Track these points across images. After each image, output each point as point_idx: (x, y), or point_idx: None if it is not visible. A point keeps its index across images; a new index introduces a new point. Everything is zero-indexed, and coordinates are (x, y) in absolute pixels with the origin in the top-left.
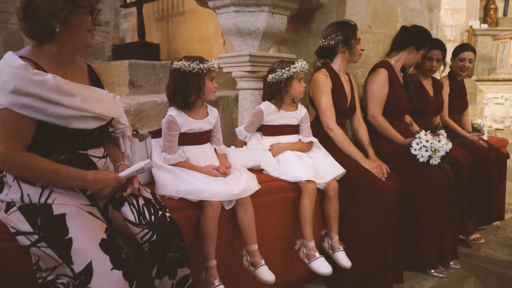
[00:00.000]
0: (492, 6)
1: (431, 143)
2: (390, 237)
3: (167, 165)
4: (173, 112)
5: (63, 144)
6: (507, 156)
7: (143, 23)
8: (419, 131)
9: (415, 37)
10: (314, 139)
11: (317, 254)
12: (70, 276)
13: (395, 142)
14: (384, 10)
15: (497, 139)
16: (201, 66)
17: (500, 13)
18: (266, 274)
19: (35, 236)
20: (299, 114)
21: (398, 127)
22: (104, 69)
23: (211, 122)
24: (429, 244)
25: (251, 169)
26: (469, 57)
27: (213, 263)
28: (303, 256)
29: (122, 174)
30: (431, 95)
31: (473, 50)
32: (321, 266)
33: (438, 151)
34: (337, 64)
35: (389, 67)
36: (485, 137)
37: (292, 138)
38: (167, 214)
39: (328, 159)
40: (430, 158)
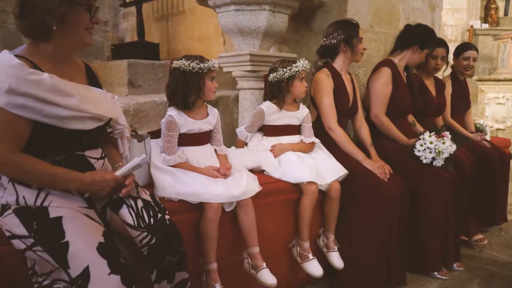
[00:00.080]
0: (493, 6)
1: (435, 144)
2: (393, 239)
3: (167, 166)
4: (172, 112)
5: (59, 145)
6: (510, 156)
7: (142, 22)
8: (423, 132)
9: (419, 36)
10: (316, 139)
11: (310, 256)
12: (67, 281)
13: (398, 142)
14: (386, 9)
15: (499, 139)
16: (201, 65)
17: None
18: (267, 277)
19: (31, 240)
20: (301, 114)
21: (401, 127)
22: (103, 69)
23: (211, 122)
24: (432, 245)
25: (252, 170)
26: (473, 55)
27: (213, 266)
28: (296, 255)
29: (119, 173)
30: (434, 95)
31: (476, 48)
32: (314, 268)
33: (442, 153)
34: (339, 64)
35: (392, 66)
36: (487, 137)
37: (294, 139)
38: (167, 217)
39: (330, 160)
40: (433, 160)
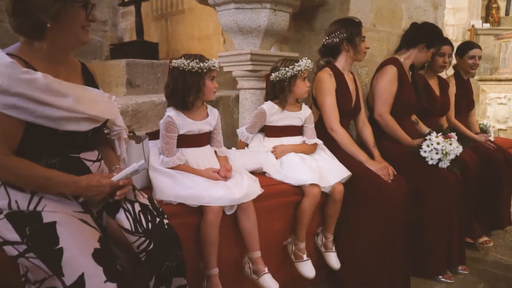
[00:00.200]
0: (494, 5)
1: (442, 145)
2: (396, 241)
3: (165, 168)
4: (171, 112)
5: (53, 147)
6: None
7: (141, 22)
8: (430, 133)
9: (426, 34)
10: (319, 140)
11: (305, 257)
12: None
13: (402, 143)
14: (388, 8)
15: (503, 140)
16: (201, 65)
17: (502, 12)
18: (269, 282)
19: (23, 246)
20: (303, 115)
21: (405, 127)
22: (101, 69)
23: (211, 123)
24: (437, 248)
25: (253, 172)
26: (478, 54)
27: (215, 271)
28: (290, 252)
29: (116, 178)
30: (437, 94)
31: (479, 47)
32: (307, 269)
33: (449, 154)
34: (341, 63)
35: (398, 65)
36: (491, 138)
37: (296, 140)
38: (165, 221)
39: (333, 161)
40: (439, 161)
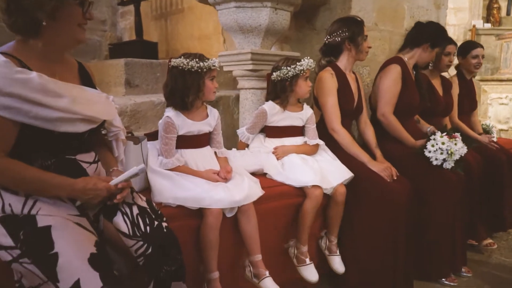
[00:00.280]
0: (495, 5)
1: (447, 145)
2: (399, 243)
3: (164, 170)
4: (170, 113)
5: (48, 148)
6: None
7: (140, 21)
8: (435, 133)
9: (430, 34)
10: (320, 141)
11: (307, 260)
12: None
13: (405, 144)
14: (390, 7)
15: (506, 141)
16: (200, 64)
17: (503, 12)
18: (270, 286)
19: (17, 251)
20: (305, 115)
21: (408, 127)
22: (99, 68)
23: (211, 123)
24: (440, 251)
25: (253, 173)
26: (481, 53)
27: (215, 275)
28: (292, 256)
29: (114, 182)
30: (440, 94)
31: (482, 46)
32: (310, 273)
33: (454, 154)
34: (343, 62)
35: (402, 64)
36: (494, 138)
37: (297, 140)
38: (164, 224)
39: (335, 162)
40: (444, 162)
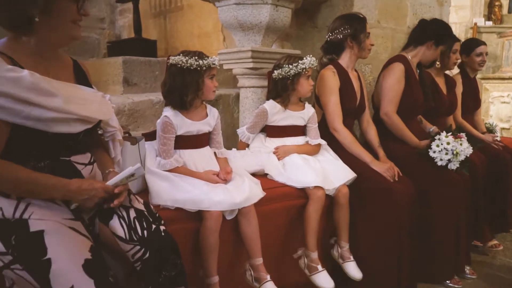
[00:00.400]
0: (496, 3)
1: (452, 145)
2: (403, 245)
3: (162, 171)
4: (168, 112)
5: (42, 150)
6: None
7: (139, 19)
8: (439, 133)
9: (435, 31)
10: (322, 141)
11: (319, 267)
12: None
13: (409, 144)
14: (393, 4)
15: (509, 140)
16: (200, 62)
17: (505, 10)
18: None
19: (9, 257)
20: (306, 114)
21: (411, 127)
22: (97, 66)
23: (210, 123)
24: (444, 253)
25: (254, 174)
26: (485, 50)
27: (215, 279)
28: (303, 267)
29: (110, 183)
30: (445, 93)
31: (485, 43)
32: (324, 281)
33: (459, 155)
34: (345, 60)
35: (405, 62)
36: (497, 137)
37: (299, 140)
38: (162, 228)
39: (337, 162)
40: (449, 162)
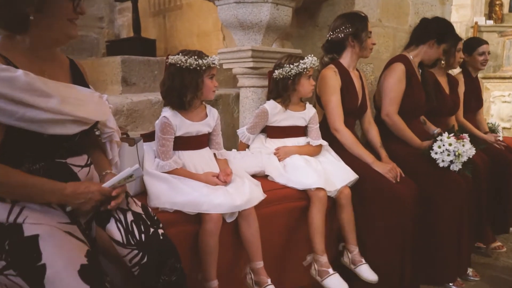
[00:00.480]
0: (497, 2)
1: (454, 147)
2: (406, 247)
3: (161, 172)
4: (167, 113)
5: (37, 152)
6: None
7: (138, 18)
8: (441, 134)
9: (436, 30)
10: (324, 142)
11: (330, 270)
12: None
13: (411, 145)
14: (395, 3)
15: (511, 140)
16: (199, 62)
17: (506, 9)
18: None
19: (2, 262)
20: (307, 115)
21: (414, 128)
22: (95, 66)
23: (210, 124)
24: (447, 255)
25: (254, 175)
26: (487, 49)
27: (214, 283)
28: (315, 274)
29: (107, 185)
30: (447, 93)
31: (487, 42)
32: (337, 284)
33: (462, 156)
34: (346, 60)
35: (406, 62)
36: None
37: (300, 141)
38: (160, 231)
39: (339, 163)
40: (451, 164)
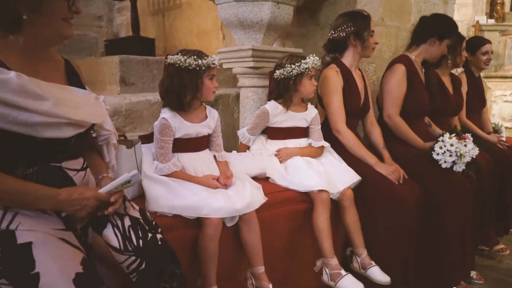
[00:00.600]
0: (498, 1)
1: (456, 147)
2: (410, 251)
3: (160, 175)
4: (166, 114)
5: (30, 155)
6: None
7: (137, 16)
8: (443, 134)
9: (435, 27)
10: (326, 143)
11: (343, 272)
12: None
13: (413, 146)
14: (397, 1)
15: None
16: (198, 62)
17: (507, 8)
18: None
19: None
20: (309, 115)
21: (417, 129)
22: (93, 66)
23: (210, 125)
24: (451, 258)
25: (255, 178)
26: (490, 49)
27: None
28: (327, 279)
29: (104, 190)
30: (451, 92)
31: (490, 41)
32: (352, 284)
33: (464, 156)
34: (348, 59)
35: (408, 63)
36: (503, 138)
37: (301, 142)
38: (159, 236)
39: (341, 165)
40: (454, 164)
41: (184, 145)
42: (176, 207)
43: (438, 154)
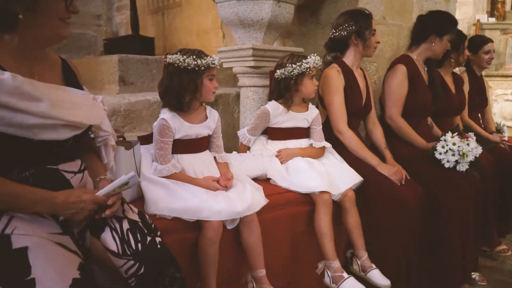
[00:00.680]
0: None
1: (458, 146)
2: (412, 253)
3: (159, 177)
4: (166, 115)
5: (26, 158)
6: None
7: (136, 15)
8: (445, 133)
9: (433, 24)
10: (327, 143)
11: (345, 275)
12: None
13: (416, 146)
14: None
15: None
16: (198, 62)
17: (508, 6)
18: None
19: None
20: (310, 116)
21: (420, 130)
22: (92, 65)
23: (210, 126)
24: (453, 260)
25: (256, 179)
26: (492, 48)
27: None
28: (329, 281)
29: (101, 193)
30: (453, 92)
31: (491, 40)
32: (354, 286)
33: (467, 155)
34: (349, 58)
35: (409, 63)
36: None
37: (302, 143)
38: (158, 240)
39: (343, 166)
40: (457, 164)
41: (184, 146)
42: (176, 209)
43: (440, 153)
